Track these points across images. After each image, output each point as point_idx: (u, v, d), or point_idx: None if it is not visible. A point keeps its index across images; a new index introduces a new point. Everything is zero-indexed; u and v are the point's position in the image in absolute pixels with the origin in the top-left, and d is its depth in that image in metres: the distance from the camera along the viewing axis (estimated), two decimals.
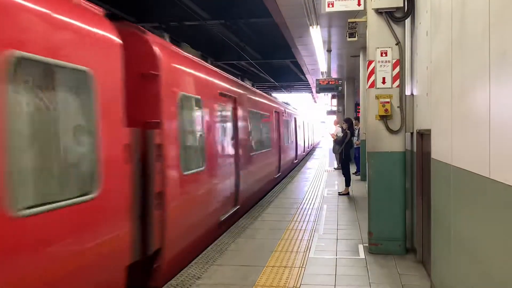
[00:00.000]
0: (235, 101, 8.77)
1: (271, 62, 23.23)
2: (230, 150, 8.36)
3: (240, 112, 9.09)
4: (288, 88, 34.27)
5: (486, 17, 2.72)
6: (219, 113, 7.61)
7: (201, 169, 6.43)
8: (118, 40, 4.16)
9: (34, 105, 3.20)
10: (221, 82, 7.95)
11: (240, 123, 9.06)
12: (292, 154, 18.80)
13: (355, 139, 14.63)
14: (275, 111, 14.44)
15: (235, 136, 8.66)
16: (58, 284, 3.33)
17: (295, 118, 20.36)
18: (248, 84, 11.32)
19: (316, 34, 11.57)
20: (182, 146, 5.74)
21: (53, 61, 3.31)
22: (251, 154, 10.04)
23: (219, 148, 7.58)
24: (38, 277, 3.13)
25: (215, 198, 7.26)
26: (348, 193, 11.27)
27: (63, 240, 3.38)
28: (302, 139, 24.14)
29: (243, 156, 9.11)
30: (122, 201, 4.20)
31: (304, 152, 25.74)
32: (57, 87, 3.44)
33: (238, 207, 8.53)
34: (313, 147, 37.89)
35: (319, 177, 15.32)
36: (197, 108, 6.46)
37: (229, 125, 8.39)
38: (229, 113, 8.46)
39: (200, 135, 6.57)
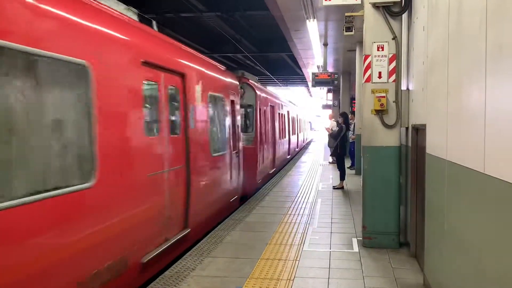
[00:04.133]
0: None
1: (267, 55, 23.18)
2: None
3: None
4: (284, 81, 34.22)
5: (483, 12, 2.73)
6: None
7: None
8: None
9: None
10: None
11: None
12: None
13: (350, 133, 14.66)
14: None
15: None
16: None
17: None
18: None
19: (313, 28, 11.55)
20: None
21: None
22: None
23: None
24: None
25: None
26: (342, 187, 11.31)
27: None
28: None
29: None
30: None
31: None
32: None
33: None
34: (304, 144, 31.57)
35: (314, 171, 15.35)
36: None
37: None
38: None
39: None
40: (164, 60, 5.52)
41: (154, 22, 6.77)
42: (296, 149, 23.27)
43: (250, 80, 11.33)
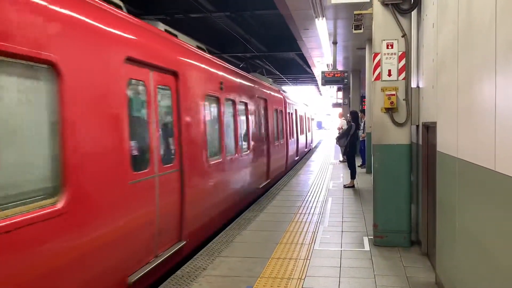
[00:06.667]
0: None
1: (277, 54, 23.15)
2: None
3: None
4: (293, 80, 34.18)
5: (493, 9, 2.71)
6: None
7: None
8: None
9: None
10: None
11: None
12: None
13: (360, 132, 14.61)
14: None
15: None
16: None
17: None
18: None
19: (322, 26, 11.52)
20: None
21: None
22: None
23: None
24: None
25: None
26: (353, 186, 11.27)
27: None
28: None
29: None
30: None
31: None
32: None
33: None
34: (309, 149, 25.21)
35: (324, 170, 15.32)
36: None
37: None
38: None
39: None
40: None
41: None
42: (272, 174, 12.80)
43: None
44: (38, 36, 3.10)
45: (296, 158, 18.42)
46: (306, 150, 23.36)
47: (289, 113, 16.62)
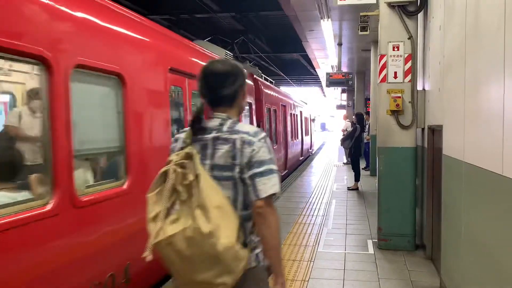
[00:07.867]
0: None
1: (281, 55, 23.15)
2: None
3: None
4: (297, 81, 34.16)
5: (502, 10, 2.68)
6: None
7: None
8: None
9: None
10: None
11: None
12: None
13: (365, 134, 14.55)
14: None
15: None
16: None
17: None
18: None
19: (327, 28, 11.49)
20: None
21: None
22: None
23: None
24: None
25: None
26: (357, 188, 11.22)
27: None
28: None
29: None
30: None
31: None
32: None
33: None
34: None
35: (328, 172, 15.28)
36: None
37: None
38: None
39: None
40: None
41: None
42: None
43: None
44: None
45: (283, 173, 14.26)
46: (301, 158, 18.87)
47: (270, 109, 12.36)
